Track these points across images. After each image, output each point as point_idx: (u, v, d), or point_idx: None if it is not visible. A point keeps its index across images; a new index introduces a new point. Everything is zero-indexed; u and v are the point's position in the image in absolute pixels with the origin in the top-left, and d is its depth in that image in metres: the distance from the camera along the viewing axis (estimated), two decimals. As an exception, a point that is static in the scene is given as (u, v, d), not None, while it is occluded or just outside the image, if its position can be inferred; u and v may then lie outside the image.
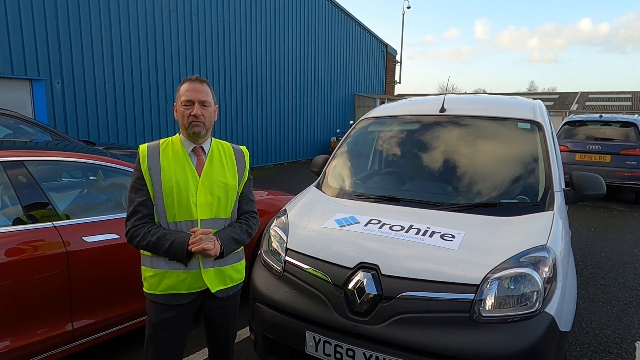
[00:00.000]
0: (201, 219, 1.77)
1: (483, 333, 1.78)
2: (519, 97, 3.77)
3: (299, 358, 2.22)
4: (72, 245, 2.39)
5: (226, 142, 1.99)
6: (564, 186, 2.73)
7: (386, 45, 20.03)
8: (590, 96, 25.60)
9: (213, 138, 1.94)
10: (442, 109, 3.07)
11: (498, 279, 1.88)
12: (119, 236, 2.58)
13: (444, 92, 3.39)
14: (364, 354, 1.90)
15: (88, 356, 2.82)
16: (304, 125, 14.94)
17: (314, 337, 2.03)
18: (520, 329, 1.79)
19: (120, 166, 2.84)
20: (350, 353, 1.93)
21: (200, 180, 1.79)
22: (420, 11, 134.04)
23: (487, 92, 40.50)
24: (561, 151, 7.15)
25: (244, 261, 2.01)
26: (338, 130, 16.43)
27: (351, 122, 16.19)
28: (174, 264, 1.75)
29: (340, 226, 2.31)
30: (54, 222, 2.39)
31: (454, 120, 3.01)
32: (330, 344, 1.98)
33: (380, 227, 2.23)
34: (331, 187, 2.95)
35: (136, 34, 9.34)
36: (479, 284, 1.86)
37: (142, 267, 1.84)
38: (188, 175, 1.77)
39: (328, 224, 2.36)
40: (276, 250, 2.39)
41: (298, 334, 2.08)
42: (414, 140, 3.10)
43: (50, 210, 2.41)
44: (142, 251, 1.82)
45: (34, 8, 7.64)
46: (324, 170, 3.20)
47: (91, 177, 2.92)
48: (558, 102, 25.07)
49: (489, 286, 1.86)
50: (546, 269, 1.93)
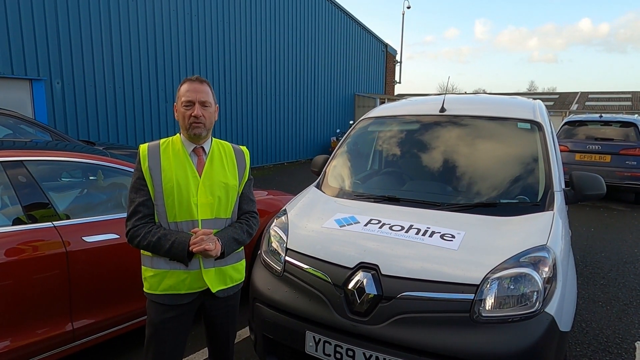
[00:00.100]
0: (202, 219, 1.77)
1: (483, 333, 1.78)
2: (519, 97, 3.77)
3: (299, 358, 2.21)
4: (72, 245, 2.39)
5: (226, 142, 1.99)
6: (564, 186, 2.73)
7: (386, 45, 20.03)
8: (590, 96, 25.59)
9: (213, 138, 1.94)
10: (442, 109, 3.07)
11: (498, 279, 1.88)
12: (118, 236, 2.58)
13: (444, 92, 3.39)
14: (364, 354, 1.90)
15: (88, 356, 2.82)
16: (304, 125, 14.94)
17: (314, 337, 2.03)
18: (520, 329, 1.79)
19: (120, 166, 2.84)
20: (350, 353, 1.93)
21: (201, 180, 1.79)
22: (420, 11, 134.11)
23: (487, 92, 40.49)
24: (561, 151, 7.15)
25: (244, 261, 2.02)
26: (338, 130, 16.44)
27: (351, 122, 16.19)
28: (174, 264, 1.75)
29: (340, 226, 2.32)
30: (54, 222, 2.39)
31: (454, 120, 3.01)
32: (330, 344, 1.98)
33: (380, 227, 2.24)
34: (331, 187, 2.95)
35: (136, 34, 9.34)
36: (479, 284, 1.86)
37: (142, 267, 1.84)
38: (189, 175, 1.77)
39: (328, 224, 2.36)
40: (276, 250, 2.39)
41: (298, 334, 2.08)
42: (414, 140, 3.10)
43: (50, 210, 2.41)
44: (142, 251, 1.82)
45: (34, 8, 7.64)
46: (324, 170, 3.20)
47: (91, 177, 2.92)
48: (558, 102, 25.06)
49: (489, 286, 1.86)
50: (546, 269, 1.93)
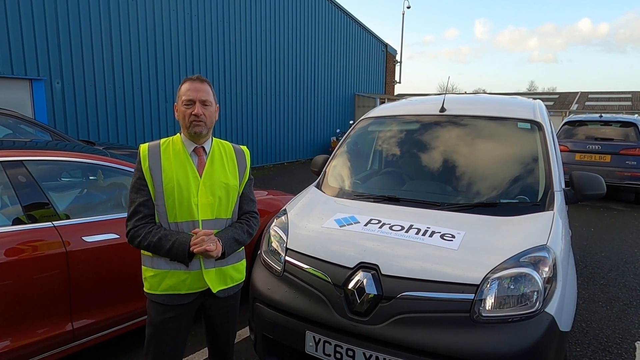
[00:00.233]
0: (202, 220, 1.77)
1: (483, 333, 1.78)
2: (519, 97, 3.77)
3: (299, 358, 2.21)
4: (72, 245, 2.39)
5: (227, 142, 1.99)
6: (564, 186, 2.73)
7: (386, 45, 20.02)
8: (590, 96, 25.59)
9: (214, 138, 1.94)
10: (442, 109, 3.07)
11: (498, 278, 1.88)
12: (118, 236, 2.58)
13: (444, 92, 3.39)
14: (364, 354, 1.90)
15: (88, 356, 2.82)
16: (304, 125, 14.93)
17: (313, 337, 2.03)
18: (520, 329, 1.79)
19: (120, 166, 2.84)
20: (350, 353, 1.93)
21: (202, 180, 1.79)
22: (420, 11, 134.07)
23: (487, 92, 40.48)
24: (561, 151, 7.14)
25: (244, 261, 2.01)
26: (338, 130, 16.44)
27: (351, 122, 16.18)
28: (174, 264, 1.75)
29: (340, 226, 2.31)
30: (54, 222, 2.39)
31: (454, 120, 3.00)
32: (330, 344, 1.98)
33: (380, 227, 2.23)
34: (331, 187, 2.95)
35: (136, 34, 9.34)
36: (479, 283, 1.86)
37: (142, 267, 1.84)
38: (189, 175, 1.77)
39: (328, 224, 2.36)
40: (276, 250, 2.39)
41: (298, 334, 2.08)
42: (413, 140, 3.10)
43: (50, 210, 2.41)
44: (142, 251, 1.82)
45: (34, 8, 7.63)
46: (323, 170, 3.20)
47: (91, 177, 2.92)
48: (558, 102, 25.06)
49: (489, 286, 1.86)
50: (546, 268, 1.93)
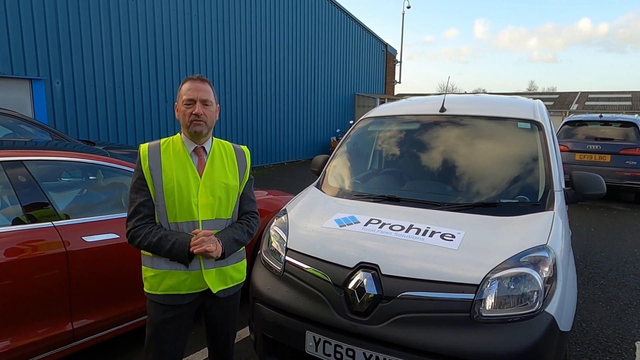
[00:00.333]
0: (202, 220, 1.77)
1: (483, 333, 1.78)
2: (519, 97, 3.77)
3: (299, 358, 2.21)
4: (71, 245, 2.39)
5: (227, 142, 1.98)
6: (564, 186, 2.73)
7: (386, 45, 20.02)
8: (590, 96, 25.58)
9: (214, 138, 1.94)
10: (442, 109, 3.07)
11: (498, 278, 1.88)
12: (118, 236, 2.58)
13: (444, 92, 3.39)
14: (364, 354, 1.90)
15: (88, 356, 2.82)
16: (304, 125, 14.93)
17: (314, 337, 2.03)
18: (521, 329, 1.79)
19: (120, 166, 2.84)
20: (350, 353, 1.93)
21: (202, 180, 1.78)
22: (419, 11, 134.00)
23: (487, 92, 40.48)
24: (561, 151, 7.13)
25: (245, 261, 2.01)
26: (338, 130, 16.43)
27: (351, 122, 16.18)
28: (174, 264, 1.75)
29: (340, 226, 2.31)
30: (54, 222, 2.39)
31: (454, 120, 3.00)
32: (330, 343, 1.98)
33: (380, 227, 2.23)
34: (331, 187, 2.95)
35: (136, 34, 9.33)
36: (479, 283, 1.86)
37: (142, 267, 1.84)
38: (189, 175, 1.77)
39: (328, 224, 2.36)
40: (276, 250, 2.39)
41: (298, 333, 2.08)
42: (414, 140, 3.10)
43: (49, 210, 2.41)
44: (142, 251, 1.82)
45: (34, 8, 7.63)
46: (323, 170, 3.20)
47: (91, 177, 2.92)
48: (558, 102, 25.05)
49: (489, 286, 1.86)
50: (546, 268, 1.93)
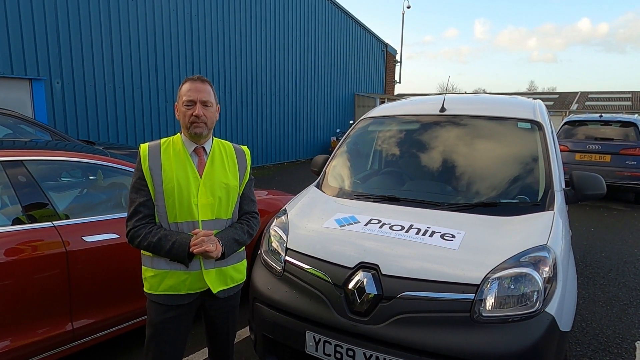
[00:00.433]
0: (202, 220, 1.77)
1: (483, 333, 1.78)
2: (519, 97, 3.76)
3: (299, 358, 2.21)
4: (71, 245, 2.39)
5: (227, 142, 1.98)
6: (564, 186, 2.73)
7: (386, 45, 20.02)
8: (590, 96, 25.58)
9: (214, 138, 1.94)
10: (442, 109, 3.07)
11: (498, 278, 1.88)
12: (118, 236, 2.58)
13: (444, 92, 3.39)
14: (364, 353, 1.90)
15: (88, 356, 2.82)
16: (304, 125, 14.93)
17: (314, 337, 2.03)
18: (521, 329, 1.79)
19: (120, 166, 2.84)
20: (350, 353, 1.93)
21: (202, 180, 1.78)
22: (419, 11, 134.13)
23: (487, 92, 40.44)
24: (561, 151, 7.13)
25: (245, 261, 2.01)
26: (338, 130, 16.43)
27: (351, 122, 16.18)
28: (174, 264, 1.75)
29: (340, 226, 2.31)
30: (54, 222, 2.39)
31: (454, 120, 3.00)
32: (330, 343, 1.98)
33: (381, 227, 2.23)
34: (331, 186, 2.95)
35: (136, 34, 9.33)
36: (479, 283, 1.86)
37: (142, 267, 1.84)
38: (189, 175, 1.77)
39: (328, 224, 2.36)
40: (276, 250, 2.39)
41: (298, 333, 2.08)
42: (414, 140, 3.09)
43: (49, 210, 2.41)
44: (142, 251, 1.82)
45: (34, 8, 7.63)
46: (323, 170, 3.20)
47: (91, 177, 2.92)
48: (558, 102, 25.05)
49: (489, 286, 1.86)
50: (546, 268, 1.93)
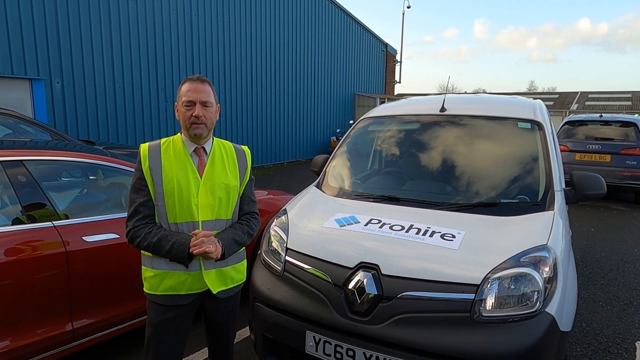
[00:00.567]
0: (202, 220, 1.77)
1: (483, 333, 1.78)
2: (519, 97, 3.76)
3: (299, 358, 2.21)
4: (71, 245, 2.39)
5: (228, 142, 1.98)
6: (564, 186, 2.73)
7: (386, 44, 20.01)
8: (590, 96, 25.58)
9: (215, 138, 1.93)
10: (442, 109, 3.07)
11: (498, 278, 1.88)
12: (118, 236, 2.58)
13: (444, 92, 3.39)
14: (364, 353, 1.89)
15: (88, 356, 2.82)
16: (304, 125, 14.93)
17: (314, 337, 2.03)
18: (521, 329, 1.79)
19: (120, 166, 2.84)
20: (351, 353, 1.93)
21: (202, 181, 1.78)
22: (419, 11, 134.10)
23: (487, 91, 40.44)
24: (561, 151, 7.13)
25: (245, 261, 2.01)
26: (338, 130, 16.43)
27: (351, 122, 16.18)
28: (174, 264, 1.75)
29: (341, 226, 2.31)
30: (54, 222, 2.39)
31: (454, 120, 3.00)
32: (331, 343, 1.98)
33: (381, 227, 2.23)
34: (331, 186, 2.95)
35: (136, 34, 9.33)
36: (479, 283, 1.86)
37: (142, 267, 1.84)
38: (189, 175, 1.76)
39: (328, 224, 2.36)
40: (276, 250, 2.39)
41: (298, 333, 2.08)
42: (414, 139, 3.09)
43: (49, 210, 2.41)
44: (142, 251, 1.82)
45: (34, 8, 7.63)
46: (324, 170, 3.20)
47: (91, 177, 2.91)
48: (558, 102, 25.05)
49: (489, 286, 1.86)
50: (547, 268, 1.92)
